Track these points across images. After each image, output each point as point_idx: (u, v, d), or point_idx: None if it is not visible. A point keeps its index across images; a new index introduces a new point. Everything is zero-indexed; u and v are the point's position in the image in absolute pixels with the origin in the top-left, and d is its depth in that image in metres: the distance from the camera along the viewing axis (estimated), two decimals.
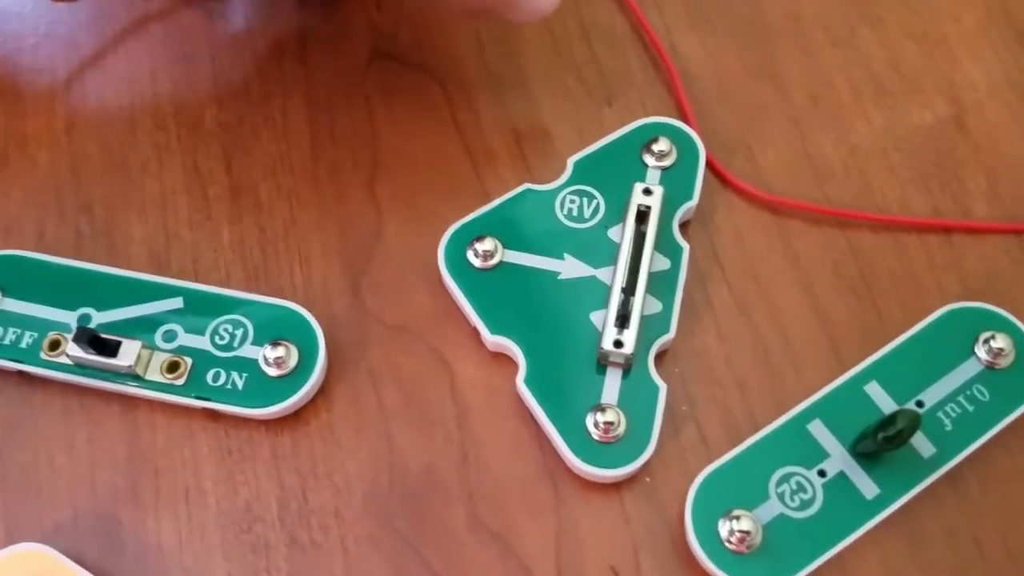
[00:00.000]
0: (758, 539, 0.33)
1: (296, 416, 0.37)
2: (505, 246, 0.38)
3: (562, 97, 0.43)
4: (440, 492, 0.36)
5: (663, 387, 0.36)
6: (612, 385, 0.36)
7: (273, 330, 0.37)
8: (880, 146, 0.42)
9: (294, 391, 0.36)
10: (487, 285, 0.37)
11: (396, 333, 0.38)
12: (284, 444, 0.37)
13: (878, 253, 0.40)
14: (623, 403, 0.35)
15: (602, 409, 0.35)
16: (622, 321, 0.36)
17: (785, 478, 0.34)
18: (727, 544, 0.33)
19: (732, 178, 0.41)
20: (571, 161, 0.39)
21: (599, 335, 0.36)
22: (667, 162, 0.39)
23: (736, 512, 0.33)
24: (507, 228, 0.38)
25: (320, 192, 0.41)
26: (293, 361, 0.36)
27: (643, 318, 0.36)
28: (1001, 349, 0.35)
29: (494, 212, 0.38)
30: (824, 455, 0.34)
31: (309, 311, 0.37)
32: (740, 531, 0.33)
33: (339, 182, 0.41)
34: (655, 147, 0.39)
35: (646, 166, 0.39)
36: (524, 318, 0.37)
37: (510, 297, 0.37)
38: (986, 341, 0.35)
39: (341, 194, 0.41)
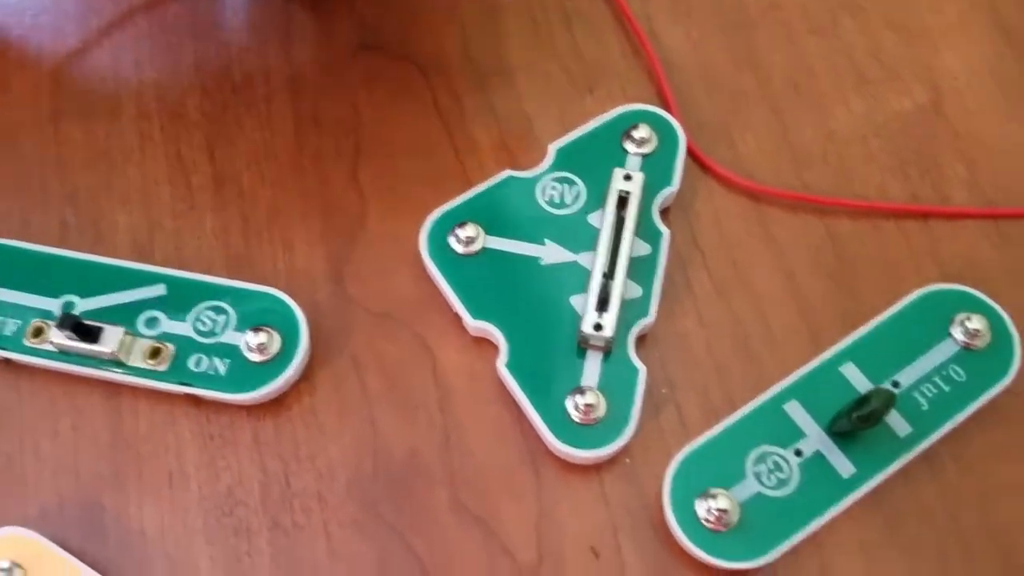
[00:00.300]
0: (735, 517, 0.33)
1: (279, 402, 0.37)
2: (487, 232, 0.38)
3: (544, 85, 0.43)
4: (423, 476, 0.36)
5: (643, 370, 0.36)
6: (592, 368, 0.36)
7: (255, 316, 0.37)
8: (860, 133, 0.42)
9: (275, 376, 0.36)
10: (469, 271, 0.38)
11: (379, 319, 0.38)
12: (266, 429, 0.37)
13: (856, 239, 0.40)
14: (603, 386, 0.36)
15: (582, 392, 0.35)
16: (602, 305, 0.36)
17: (762, 457, 0.34)
18: (704, 523, 0.33)
19: (712, 165, 0.41)
20: (552, 148, 0.40)
21: (579, 319, 0.36)
22: (647, 149, 0.39)
23: (713, 491, 0.33)
24: (489, 214, 0.38)
25: (303, 180, 0.41)
26: (275, 347, 0.36)
27: (623, 302, 0.37)
28: (977, 330, 0.35)
29: (476, 199, 0.39)
30: (800, 435, 0.34)
31: (292, 298, 0.38)
32: (717, 510, 0.33)
33: (322, 170, 0.41)
34: (635, 134, 0.39)
35: (627, 153, 0.40)
36: (506, 303, 0.37)
37: (492, 282, 0.37)
38: (962, 322, 0.36)
39: (324, 182, 0.41)
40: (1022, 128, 0.42)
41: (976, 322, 0.35)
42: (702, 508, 0.33)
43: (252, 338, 0.36)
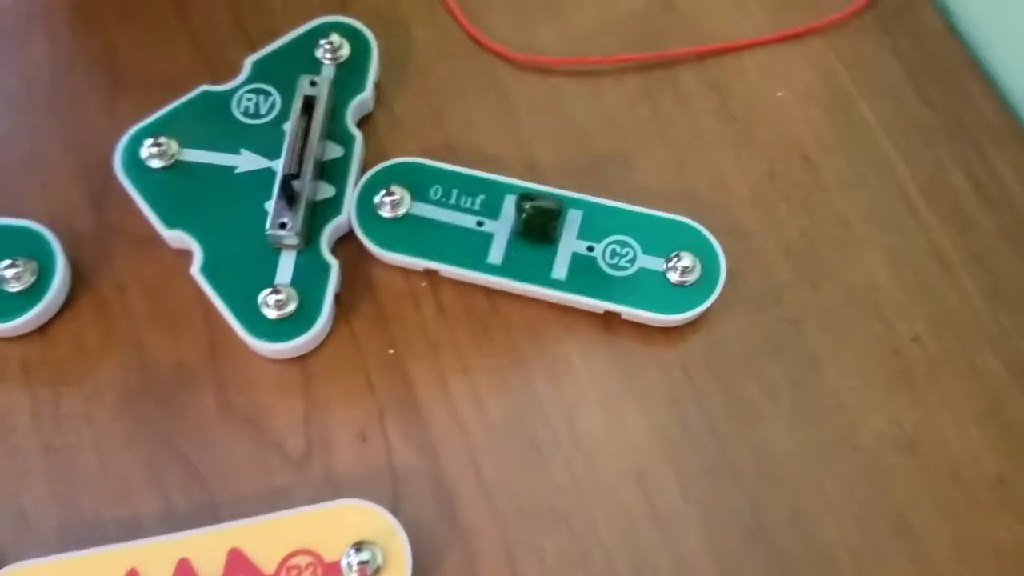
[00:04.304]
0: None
1: (44, 331, 0.38)
2: (182, 146, 0.39)
3: (297, 7, 0.44)
4: (190, 385, 0.37)
5: (335, 264, 0.38)
6: (286, 267, 0.37)
7: (9, 249, 0.37)
8: None
9: (34, 304, 0.37)
10: (163, 184, 0.39)
11: (140, 242, 0.39)
12: (33, 357, 0.37)
13: None
14: (297, 282, 0.37)
15: (276, 290, 0.36)
16: (291, 204, 0.37)
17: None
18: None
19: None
20: (248, 61, 0.41)
21: None
22: (340, 57, 0.41)
23: None
24: (184, 128, 0.39)
25: (60, 119, 0.41)
26: (32, 276, 0.37)
27: (316, 203, 0.38)
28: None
29: (170, 114, 0.40)
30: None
31: (53, 230, 0.38)
32: None
33: (79, 107, 0.42)
34: (326, 43, 0.41)
35: (321, 63, 0.41)
36: (199, 212, 0.38)
37: (186, 193, 0.38)
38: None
39: (81, 118, 0.41)
40: None
41: None
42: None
43: (8, 270, 0.37)
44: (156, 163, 0.38)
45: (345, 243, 0.39)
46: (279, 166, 0.38)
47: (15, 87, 0.42)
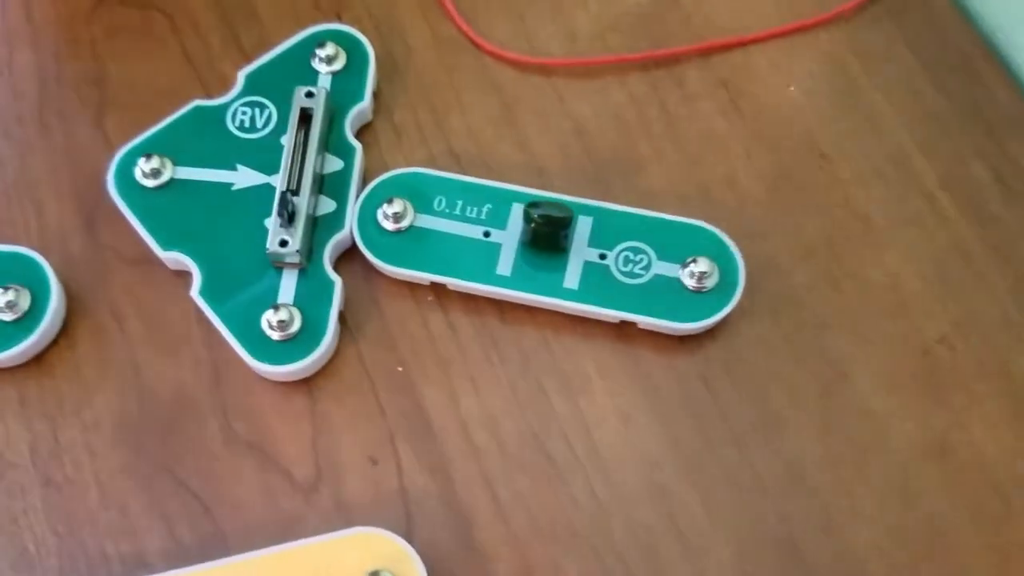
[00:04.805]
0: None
1: (39, 360, 0.36)
2: (176, 163, 0.37)
3: (291, 17, 0.42)
4: (192, 412, 0.36)
5: (339, 281, 0.36)
6: (288, 285, 0.36)
7: (1, 276, 0.36)
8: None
9: (29, 334, 0.35)
10: (157, 203, 0.37)
11: (134, 265, 0.38)
12: (30, 389, 0.36)
13: None
14: (299, 301, 0.36)
15: (276, 309, 0.35)
16: (291, 221, 0.36)
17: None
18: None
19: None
20: (241, 74, 0.39)
21: None
22: (336, 67, 0.39)
23: None
24: (177, 145, 0.38)
25: (50, 138, 0.40)
26: (25, 304, 0.36)
27: (316, 218, 0.37)
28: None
29: (163, 131, 0.38)
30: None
31: (45, 255, 0.37)
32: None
33: (68, 125, 0.40)
34: (321, 52, 0.39)
35: (317, 73, 0.39)
36: (196, 232, 0.37)
37: (182, 213, 0.37)
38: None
39: (71, 136, 0.40)
40: None
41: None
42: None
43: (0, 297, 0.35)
44: (150, 182, 0.37)
45: (348, 259, 0.38)
46: (277, 181, 0.37)
47: (0, 105, 0.40)
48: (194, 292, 0.35)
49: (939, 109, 0.41)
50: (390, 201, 0.37)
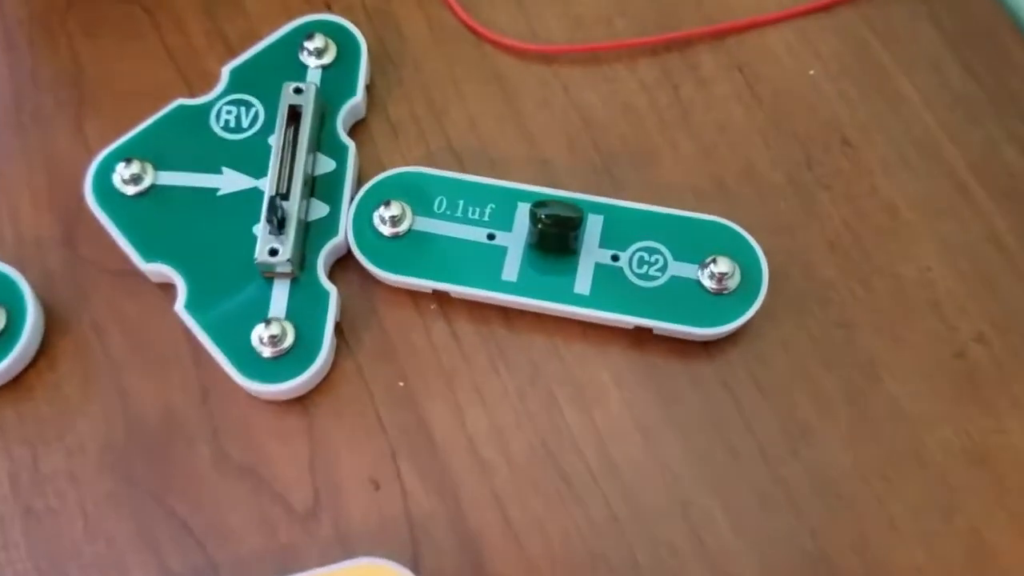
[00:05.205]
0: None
1: (17, 382, 0.34)
2: (158, 168, 0.35)
3: (279, 7, 0.40)
4: (181, 435, 0.34)
5: (334, 291, 0.34)
6: (280, 297, 0.34)
7: None
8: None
9: (6, 354, 0.33)
10: (138, 212, 0.35)
11: (117, 277, 0.36)
12: (7, 414, 0.34)
13: None
14: (292, 314, 0.33)
15: (267, 323, 0.33)
16: (281, 228, 0.33)
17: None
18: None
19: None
20: (226, 70, 0.37)
21: None
22: (326, 60, 0.37)
23: None
24: (159, 149, 0.36)
25: (25, 141, 0.38)
26: (0, 323, 0.33)
27: (308, 224, 0.35)
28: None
29: (143, 134, 0.36)
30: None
31: (21, 269, 0.34)
32: None
33: (44, 128, 0.38)
34: (310, 45, 0.37)
35: (306, 67, 0.37)
36: (181, 241, 0.34)
37: (164, 221, 0.35)
38: None
39: (47, 141, 0.38)
40: None
41: None
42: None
43: None
44: (130, 189, 0.35)
45: (343, 267, 0.36)
46: (266, 185, 0.34)
47: None
48: (178, 306, 0.33)
49: (967, 90, 0.38)
50: (387, 203, 0.35)
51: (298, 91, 0.35)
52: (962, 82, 0.39)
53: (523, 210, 0.35)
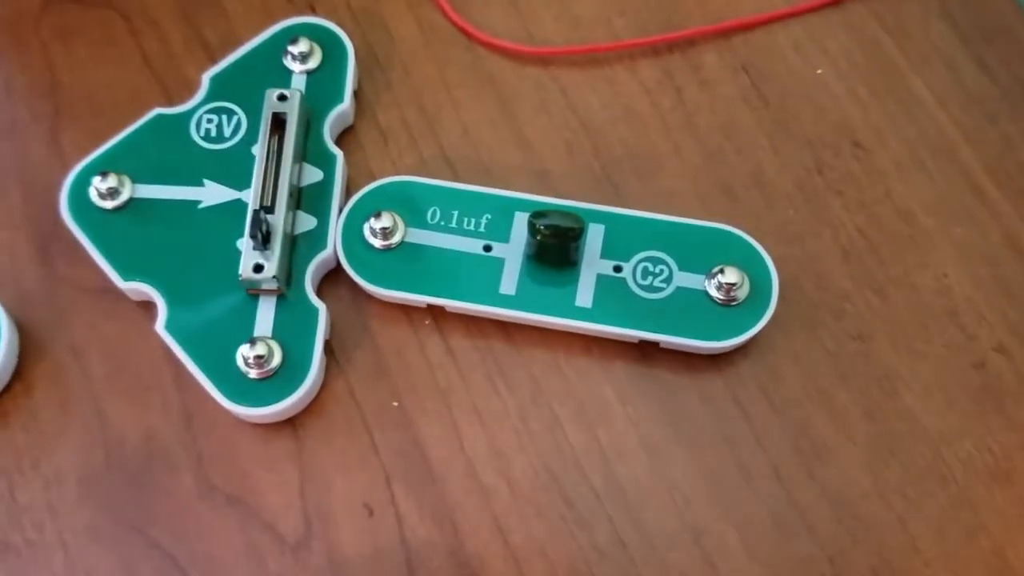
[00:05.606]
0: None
1: None
2: (136, 181, 0.33)
3: (260, 10, 0.38)
4: (164, 463, 0.32)
5: (323, 308, 0.32)
6: (266, 315, 0.32)
7: None
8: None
9: None
10: (115, 227, 0.33)
11: (95, 297, 0.34)
12: None
13: None
14: (279, 333, 0.32)
15: (252, 343, 0.31)
16: (266, 242, 0.32)
17: None
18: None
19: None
20: (206, 76, 0.35)
21: None
22: (311, 64, 0.35)
23: None
24: (136, 161, 0.34)
25: None
26: None
27: (295, 237, 0.33)
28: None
29: (119, 146, 0.34)
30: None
31: None
32: None
33: (18, 141, 0.36)
34: (294, 49, 0.35)
35: (290, 72, 0.35)
36: (161, 258, 0.33)
37: (143, 237, 0.33)
38: None
39: (22, 154, 0.36)
40: None
41: None
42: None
43: None
44: (107, 203, 0.33)
45: (333, 282, 0.34)
46: (249, 197, 0.33)
47: None
48: (159, 326, 0.32)
49: (982, 90, 0.37)
50: (378, 215, 0.33)
51: (282, 98, 0.34)
52: (976, 79, 0.37)
53: (521, 220, 0.33)
